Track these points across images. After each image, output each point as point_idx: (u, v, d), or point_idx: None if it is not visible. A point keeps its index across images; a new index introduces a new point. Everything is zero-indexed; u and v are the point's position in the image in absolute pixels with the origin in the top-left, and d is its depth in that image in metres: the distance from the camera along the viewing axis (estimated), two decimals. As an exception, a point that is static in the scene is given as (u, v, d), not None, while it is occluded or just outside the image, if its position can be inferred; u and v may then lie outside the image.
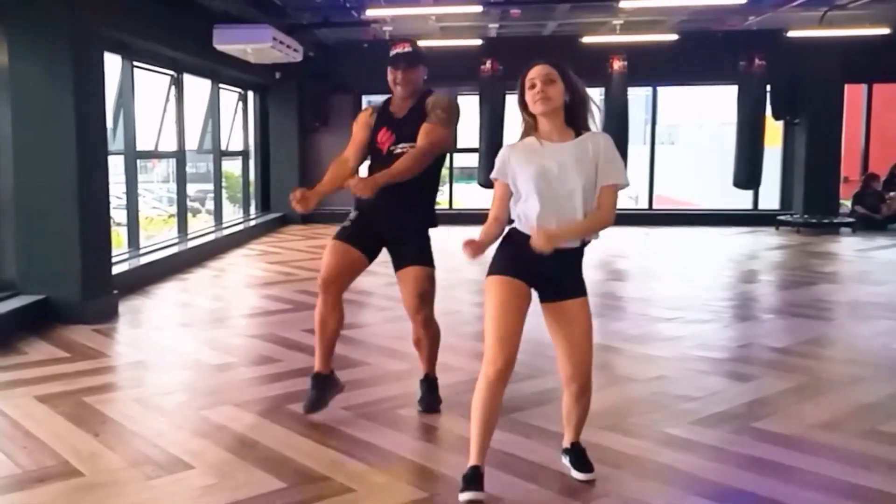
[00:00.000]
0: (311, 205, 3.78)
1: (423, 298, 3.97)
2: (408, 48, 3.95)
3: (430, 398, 4.14)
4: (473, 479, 3.08)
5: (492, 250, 3.23)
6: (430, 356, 4.16)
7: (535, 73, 3.15)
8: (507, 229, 3.23)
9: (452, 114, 3.96)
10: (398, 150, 3.88)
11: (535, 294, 3.21)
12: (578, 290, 3.19)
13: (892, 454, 3.52)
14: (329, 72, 13.01)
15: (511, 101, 12.42)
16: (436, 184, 4.20)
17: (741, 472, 3.32)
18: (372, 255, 4.04)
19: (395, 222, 3.97)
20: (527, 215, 3.11)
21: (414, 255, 3.98)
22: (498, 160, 3.19)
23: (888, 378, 4.72)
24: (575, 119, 3.19)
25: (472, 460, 3.11)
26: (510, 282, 3.11)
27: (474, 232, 3.18)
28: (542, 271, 3.12)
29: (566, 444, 3.37)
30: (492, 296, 3.13)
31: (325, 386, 4.02)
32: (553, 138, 3.15)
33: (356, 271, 4.02)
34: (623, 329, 5.81)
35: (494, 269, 3.17)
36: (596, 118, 3.28)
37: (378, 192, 3.70)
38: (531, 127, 3.19)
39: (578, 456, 3.31)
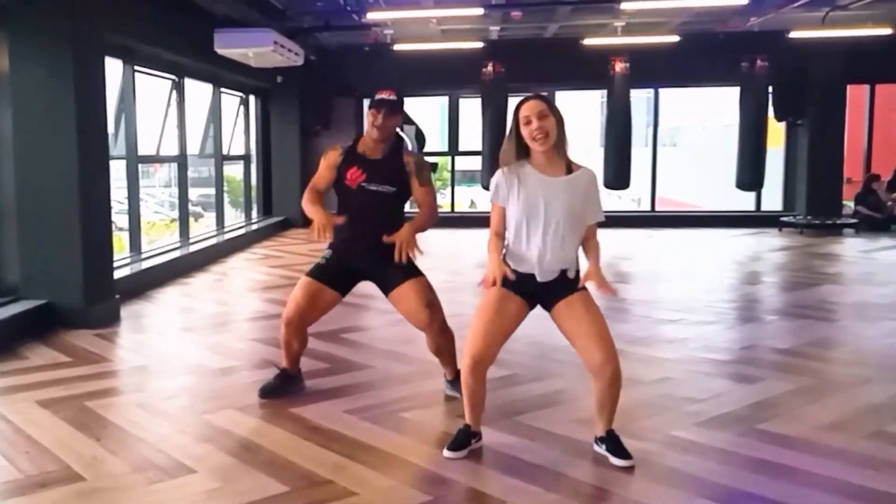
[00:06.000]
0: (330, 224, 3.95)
1: (432, 307, 4.12)
2: (392, 96, 4.13)
3: None
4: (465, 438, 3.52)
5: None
6: (452, 358, 4.29)
7: (528, 109, 3.34)
8: (504, 252, 3.47)
9: (429, 172, 4.29)
10: (371, 188, 4.08)
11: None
12: (577, 286, 3.40)
13: (900, 455, 3.50)
14: (330, 75, 13.02)
15: (513, 103, 12.42)
16: (403, 217, 4.32)
17: (748, 475, 3.30)
18: (346, 291, 4.29)
19: (376, 257, 4.11)
20: (516, 252, 3.41)
21: (403, 271, 4.13)
22: (495, 185, 3.43)
23: (893, 379, 4.70)
24: (562, 150, 3.39)
25: (467, 420, 3.56)
26: (503, 291, 3.38)
27: (476, 233, 3.25)
28: (539, 287, 3.40)
29: (600, 433, 3.47)
30: (483, 300, 3.46)
31: (287, 381, 4.40)
32: (547, 172, 3.37)
33: (326, 309, 4.26)
34: (627, 331, 5.78)
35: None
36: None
37: (361, 237, 4.08)
38: (523, 156, 3.41)
39: (615, 443, 3.42)
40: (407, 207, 4.28)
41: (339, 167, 4.14)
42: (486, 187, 12.56)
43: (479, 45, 11.94)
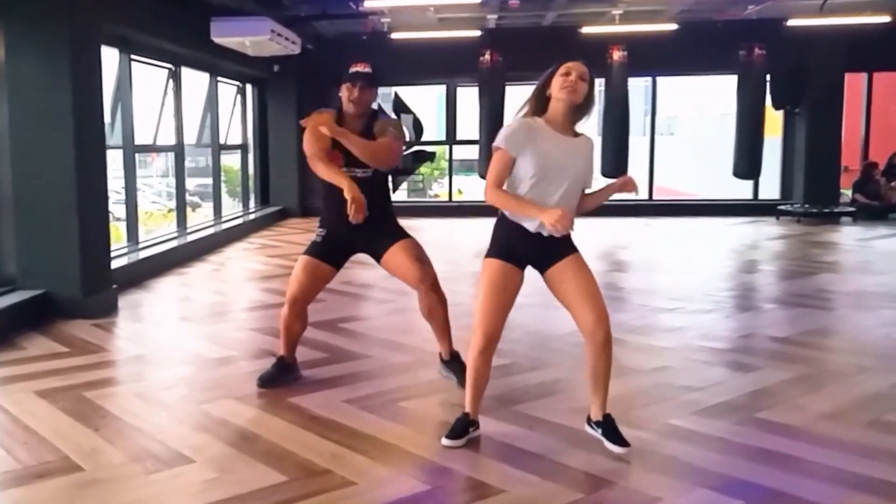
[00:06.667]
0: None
1: (423, 261, 4.22)
2: (367, 69, 4.16)
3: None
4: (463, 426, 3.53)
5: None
6: (446, 326, 4.29)
7: (575, 66, 3.37)
8: (501, 215, 3.46)
9: (401, 132, 4.26)
10: (349, 174, 4.08)
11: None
12: (572, 248, 3.44)
13: (897, 444, 3.51)
14: (327, 64, 12.95)
15: (511, 92, 12.40)
16: (388, 195, 4.39)
17: (746, 463, 3.31)
18: (340, 265, 4.36)
19: (368, 231, 4.13)
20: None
21: (391, 235, 4.25)
22: (510, 132, 3.35)
23: (891, 368, 4.70)
24: (577, 115, 3.42)
25: (467, 408, 3.56)
26: (503, 266, 3.40)
27: (474, 224, 3.25)
28: (537, 249, 3.39)
29: (597, 416, 3.46)
30: (485, 277, 3.42)
31: (286, 370, 4.42)
32: (559, 130, 3.38)
33: (324, 284, 4.36)
34: (625, 320, 5.78)
35: (491, 253, 3.45)
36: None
37: (344, 213, 3.96)
38: (539, 110, 3.39)
39: (612, 429, 3.42)
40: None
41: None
42: (483, 176, 12.52)
43: (477, 33, 11.89)
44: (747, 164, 11.99)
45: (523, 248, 3.40)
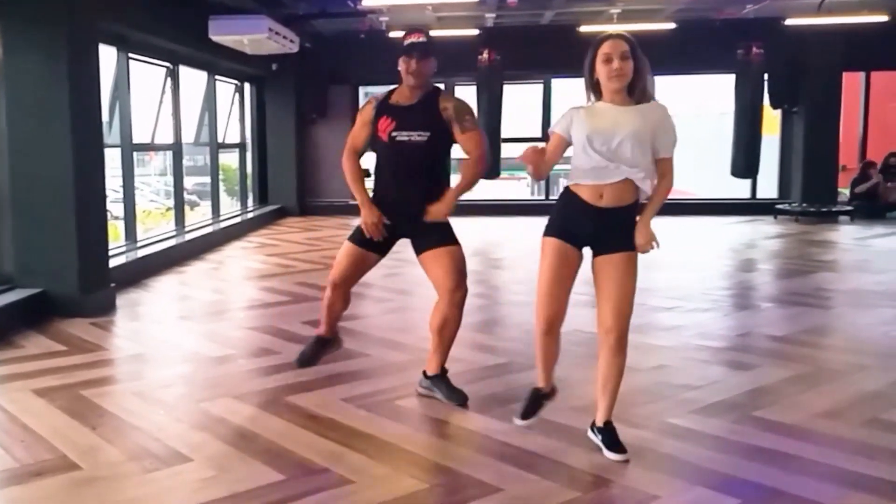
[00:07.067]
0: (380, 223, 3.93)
1: (463, 275, 4.01)
2: (422, 38, 4.01)
3: (456, 389, 4.09)
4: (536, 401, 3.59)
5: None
6: (450, 343, 4.10)
7: (612, 47, 3.29)
8: (563, 188, 3.41)
9: (474, 116, 4.08)
10: (402, 138, 3.90)
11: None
12: (630, 245, 3.39)
13: (895, 443, 3.51)
14: (326, 63, 12.96)
15: (509, 90, 12.39)
16: (449, 173, 4.21)
17: (744, 462, 3.31)
18: (385, 253, 4.13)
19: (414, 213, 3.93)
20: (578, 169, 3.31)
21: (444, 235, 4.00)
22: (562, 116, 3.38)
23: (889, 367, 4.71)
24: (633, 89, 3.37)
25: (540, 383, 3.59)
26: (563, 246, 3.34)
27: (474, 223, 3.22)
28: (599, 228, 3.32)
29: (599, 422, 3.44)
30: (546, 257, 3.37)
31: (326, 345, 4.36)
32: (617, 102, 3.34)
33: (367, 270, 4.17)
34: (623, 319, 5.77)
35: (551, 231, 3.39)
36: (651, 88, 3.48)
37: (398, 192, 3.93)
38: (597, 96, 3.39)
39: (612, 436, 3.39)
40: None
41: (372, 121, 4.00)
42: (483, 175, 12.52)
43: (475, 32, 11.87)
44: (745, 163, 12.00)
45: (580, 225, 3.32)
